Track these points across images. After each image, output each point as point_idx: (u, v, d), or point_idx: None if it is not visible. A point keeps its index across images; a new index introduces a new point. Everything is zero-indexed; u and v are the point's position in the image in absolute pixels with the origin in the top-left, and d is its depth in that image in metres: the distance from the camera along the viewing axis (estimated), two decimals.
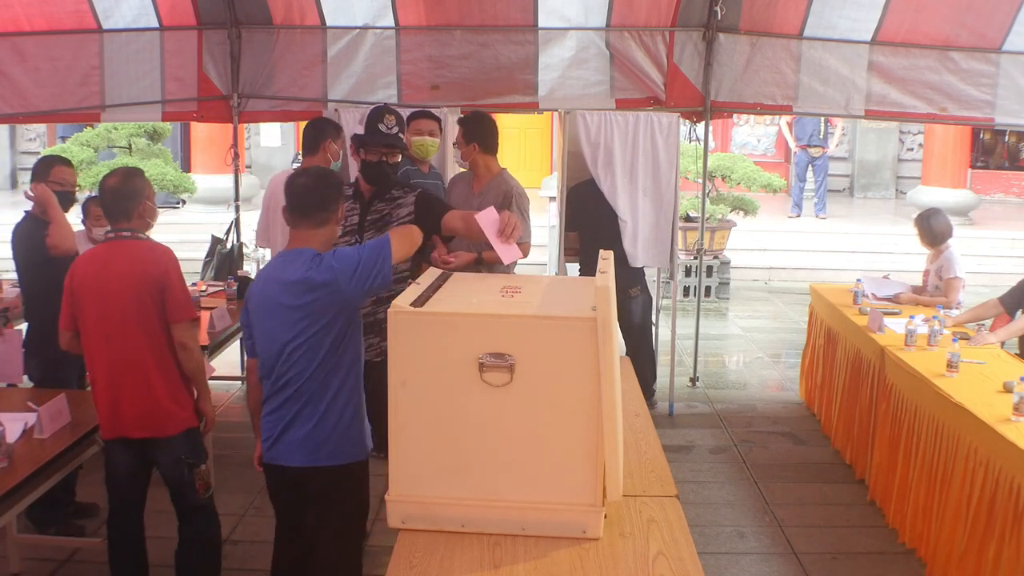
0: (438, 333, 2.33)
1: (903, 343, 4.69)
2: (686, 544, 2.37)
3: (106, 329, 3.31)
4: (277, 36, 6.23)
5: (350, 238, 3.75)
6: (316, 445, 2.99)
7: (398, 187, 3.83)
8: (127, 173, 3.50)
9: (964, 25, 6.06)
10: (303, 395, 2.97)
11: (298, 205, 3.04)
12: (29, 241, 4.25)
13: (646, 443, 3.09)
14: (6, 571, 3.95)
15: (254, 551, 4.15)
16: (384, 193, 3.80)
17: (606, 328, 2.24)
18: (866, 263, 10.23)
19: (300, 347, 2.93)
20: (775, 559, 4.26)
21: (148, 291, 3.26)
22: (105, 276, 3.29)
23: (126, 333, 3.29)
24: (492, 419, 2.33)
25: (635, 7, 6.11)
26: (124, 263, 3.31)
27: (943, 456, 3.99)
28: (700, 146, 9.23)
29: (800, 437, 5.84)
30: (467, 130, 4.88)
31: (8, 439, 3.19)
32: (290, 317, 2.93)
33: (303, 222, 3.03)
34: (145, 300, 3.27)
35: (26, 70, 6.03)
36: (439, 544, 2.34)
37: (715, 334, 8.40)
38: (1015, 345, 5.15)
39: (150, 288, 3.28)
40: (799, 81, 6.29)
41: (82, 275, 3.35)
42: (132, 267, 3.30)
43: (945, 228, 5.62)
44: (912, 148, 15.21)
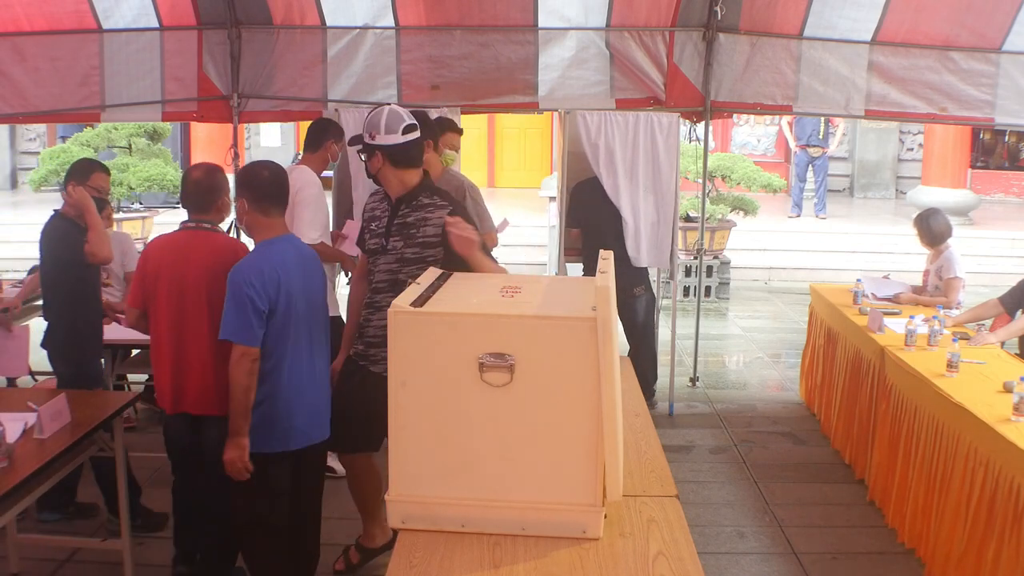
0: (438, 333, 2.33)
1: (903, 343, 4.69)
2: (686, 544, 2.37)
3: (177, 314, 3.50)
4: (277, 36, 6.22)
5: (378, 241, 3.58)
6: None
7: (427, 192, 3.55)
8: (210, 169, 3.72)
9: (964, 25, 6.06)
10: None
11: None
12: (63, 242, 4.18)
13: (646, 443, 3.09)
14: (6, 571, 3.95)
15: None
16: (411, 199, 3.53)
17: (606, 328, 2.24)
18: (866, 263, 10.23)
19: None
20: (775, 559, 4.26)
21: (222, 282, 3.36)
22: (183, 263, 3.50)
23: (197, 319, 3.49)
24: (492, 419, 2.33)
25: (635, 7, 6.11)
26: (203, 253, 3.51)
27: (943, 456, 3.99)
28: (700, 146, 9.23)
29: (800, 437, 5.84)
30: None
31: (8, 439, 3.19)
32: None
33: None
34: (216, 290, 3.39)
35: (26, 70, 6.01)
36: (439, 544, 2.34)
37: (715, 334, 8.40)
38: (1015, 345, 5.16)
39: (224, 279, 3.38)
40: (799, 81, 6.29)
41: (158, 260, 3.56)
42: (211, 258, 3.49)
43: (945, 228, 5.62)
44: (912, 148, 15.22)
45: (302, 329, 3.36)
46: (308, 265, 3.45)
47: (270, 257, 3.32)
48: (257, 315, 3.22)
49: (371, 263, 3.62)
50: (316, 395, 3.47)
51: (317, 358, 3.47)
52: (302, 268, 3.40)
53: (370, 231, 3.62)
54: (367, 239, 3.64)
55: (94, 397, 3.92)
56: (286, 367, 3.33)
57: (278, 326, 3.28)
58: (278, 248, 3.36)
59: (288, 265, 3.33)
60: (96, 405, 3.76)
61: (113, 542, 3.91)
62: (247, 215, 3.38)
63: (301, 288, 3.35)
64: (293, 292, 3.30)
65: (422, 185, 3.54)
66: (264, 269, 3.26)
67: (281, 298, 3.26)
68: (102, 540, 4.04)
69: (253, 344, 3.23)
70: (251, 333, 3.23)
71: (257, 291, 3.21)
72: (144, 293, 3.58)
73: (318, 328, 3.47)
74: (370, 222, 3.64)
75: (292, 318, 3.31)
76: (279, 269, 3.28)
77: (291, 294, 3.29)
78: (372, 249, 3.60)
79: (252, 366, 3.24)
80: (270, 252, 3.34)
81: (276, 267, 3.28)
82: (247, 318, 3.21)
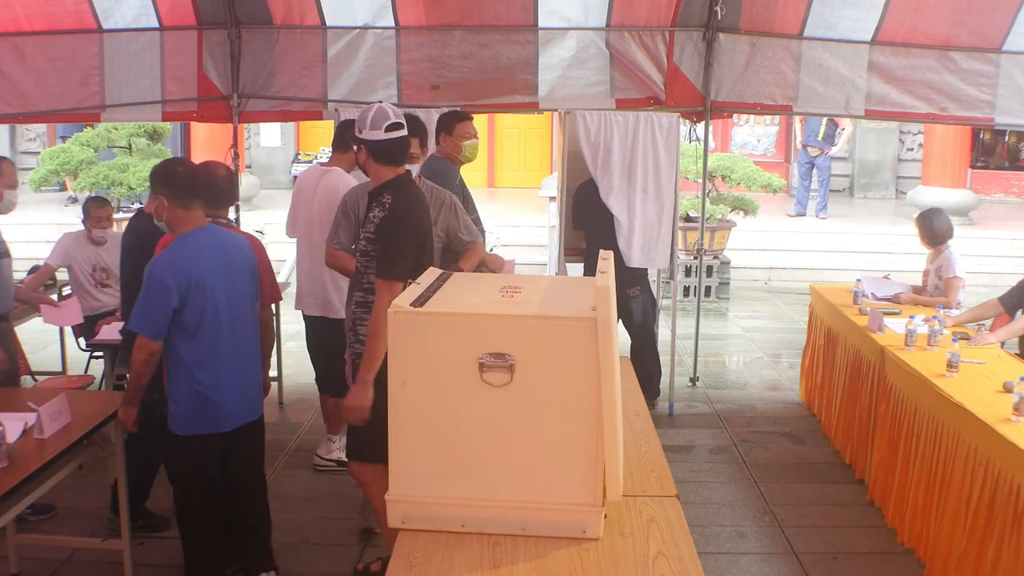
0: (438, 333, 2.33)
1: (903, 343, 4.69)
2: (686, 544, 2.37)
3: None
4: (277, 36, 6.22)
5: (357, 232, 3.71)
6: None
7: (390, 190, 3.53)
8: (229, 167, 4.00)
9: (964, 25, 6.06)
10: None
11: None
12: (147, 240, 4.19)
13: (646, 443, 3.09)
14: (6, 571, 3.95)
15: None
16: (377, 194, 3.57)
17: (606, 328, 2.24)
18: (866, 263, 10.22)
19: None
20: (775, 559, 4.26)
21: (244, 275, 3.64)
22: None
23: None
24: (492, 419, 2.33)
25: (635, 7, 6.11)
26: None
27: (943, 456, 3.99)
28: (700, 146, 9.23)
29: (800, 437, 5.84)
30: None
31: (8, 439, 3.19)
32: None
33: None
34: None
35: (26, 70, 6.02)
36: (439, 544, 2.34)
37: (715, 334, 8.40)
38: (1015, 345, 5.15)
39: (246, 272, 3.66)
40: (799, 81, 6.29)
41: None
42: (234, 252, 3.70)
43: (946, 228, 5.62)
44: (912, 148, 15.21)
45: (223, 315, 3.49)
46: (228, 252, 3.57)
47: (184, 251, 3.45)
48: (164, 311, 3.36)
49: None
50: (243, 377, 3.60)
51: (242, 341, 3.59)
52: (218, 257, 3.51)
53: (358, 222, 3.80)
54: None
55: (94, 397, 3.93)
56: (206, 352, 3.46)
57: (194, 315, 3.41)
58: (193, 240, 3.48)
59: (202, 256, 3.45)
60: (96, 405, 3.76)
61: (113, 542, 3.91)
62: (167, 211, 3.49)
63: (219, 275, 3.47)
64: (208, 281, 3.42)
65: (389, 183, 3.53)
66: (177, 263, 3.39)
67: (193, 290, 3.39)
68: (102, 540, 4.04)
69: (155, 337, 3.39)
70: (155, 327, 3.38)
71: (168, 288, 3.35)
72: None
73: (243, 312, 3.60)
74: (356, 214, 3.82)
75: (209, 306, 3.43)
76: (191, 263, 3.41)
77: (205, 283, 3.41)
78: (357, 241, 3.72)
79: (150, 357, 3.42)
80: (185, 245, 3.46)
81: (188, 261, 3.41)
82: (154, 312, 3.36)
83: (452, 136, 4.86)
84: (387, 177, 3.52)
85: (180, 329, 3.42)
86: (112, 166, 10.26)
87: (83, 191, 10.23)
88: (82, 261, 5.63)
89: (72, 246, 5.68)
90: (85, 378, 5.59)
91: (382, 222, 3.45)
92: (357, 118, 3.54)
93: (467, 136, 4.88)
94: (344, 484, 4.64)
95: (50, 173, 10.31)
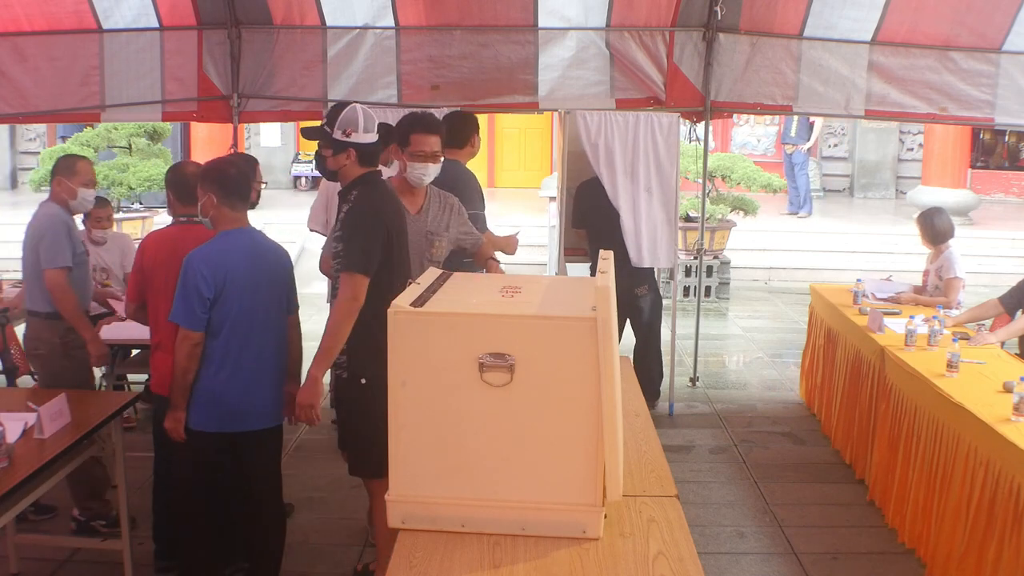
0: (438, 333, 2.33)
1: (903, 343, 4.69)
2: (686, 544, 2.37)
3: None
4: (277, 36, 6.22)
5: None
6: None
7: (358, 186, 3.46)
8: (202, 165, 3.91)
9: (964, 25, 6.06)
10: None
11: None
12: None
13: (646, 443, 3.09)
14: (6, 571, 3.95)
15: None
16: (346, 193, 3.48)
17: (606, 328, 2.24)
18: (866, 263, 10.23)
19: None
20: (775, 559, 4.26)
21: None
22: (179, 257, 3.56)
23: None
24: (492, 419, 2.33)
25: (635, 7, 6.10)
26: (197, 246, 3.58)
27: (943, 456, 3.98)
28: (700, 146, 9.23)
29: (800, 437, 5.84)
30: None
31: (8, 439, 3.19)
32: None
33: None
34: None
35: (26, 70, 6.02)
36: (439, 544, 2.34)
37: (715, 334, 8.40)
38: (1015, 345, 5.15)
39: None
40: (799, 81, 6.29)
41: (154, 254, 3.75)
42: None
43: (947, 227, 5.62)
44: (912, 148, 15.22)
45: (250, 318, 3.49)
46: (265, 257, 3.58)
47: (223, 247, 3.48)
48: (201, 302, 3.39)
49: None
50: (260, 383, 3.57)
51: (265, 348, 3.57)
52: (255, 260, 3.53)
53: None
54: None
55: (94, 397, 3.93)
56: (227, 351, 3.47)
57: (223, 312, 3.43)
58: (233, 239, 3.51)
59: (239, 255, 3.47)
60: (96, 405, 3.76)
61: (113, 542, 3.91)
62: (214, 209, 3.52)
63: (250, 278, 3.48)
64: (240, 281, 3.44)
65: (359, 179, 3.45)
66: (214, 258, 3.42)
67: (228, 286, 3.41)
68: (102, 540, 4.04)
69: (195, 328, 3.41)
70: (194, 318, 3.40)
71: (205, 279, 3.37)
72: (142, 286, 3.78)
73: (271, 319, 3.59)
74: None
75: (237, 306, 3.44)
76: (229, 259, 3.44)
77: (237, 283, 3.43)
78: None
79: (193, 349, 3.42)
80: (224, 242, 3.50)
81: (226, 257, 3.44)
82: (191, 304, 3.38)
83: (472, 147, 4.96)
84: (356, 175, 3.45)
85: (208, 326, 3.44)
86: (112, 166, 10.26)
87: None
88: None
89: None
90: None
91: (347, 215, 3.39)
92: (340, 120, 3.40)
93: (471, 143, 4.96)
94: (344, 484, 4.64)
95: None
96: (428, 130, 3.86)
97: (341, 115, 3.39)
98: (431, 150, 3.85)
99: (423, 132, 3.85)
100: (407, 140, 3.86)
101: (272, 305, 3.60)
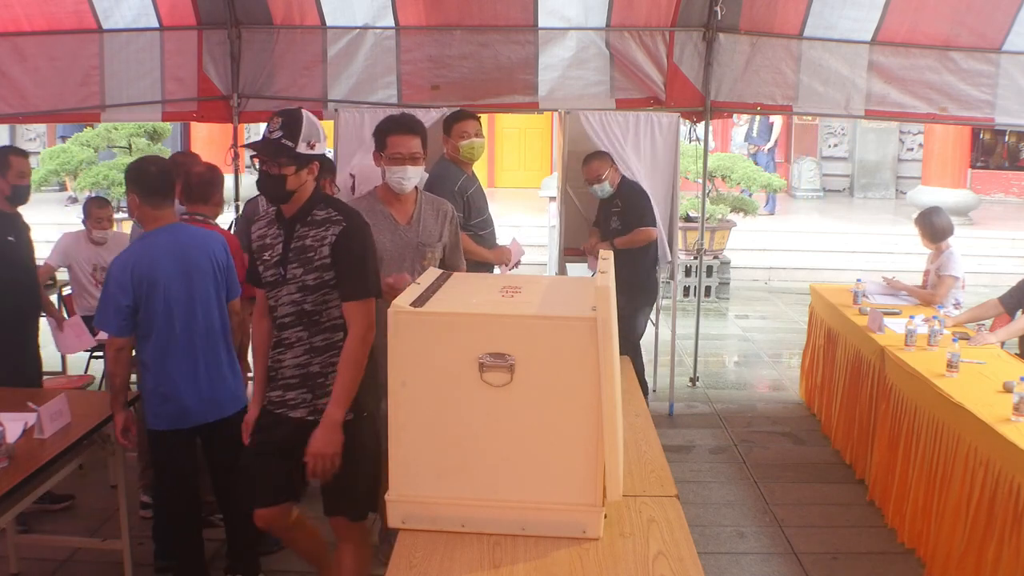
0: (438, 333, 2.33)
1: (903, 343, 4.69)
2: (686, 544, 2.37)
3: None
4: (277, 36, 6.23)
5: (275, 271, 3.06)
6: None
7: (321, 204, 3.07)
8: (210, 164, 4.06)
9: (964, 25, 6.06)
10: None
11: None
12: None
13: (646, 443, 3.09)
14: (6, 571, 3.95)
15: None
16: (306, 214, 3.04)
17: (606, 328, 2.24)
18: (866, 263, 10.23)
19: None
20: (775, 559, 4.26)
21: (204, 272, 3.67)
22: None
23: None
24: (492, 419, 2.33)
25: (635, 7, 6.11)
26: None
27: (943, 456, 3.99)
28: (700, 146, 9.23)
29: (800, 437, 5.84)
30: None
31: (8, 439, 3.19)
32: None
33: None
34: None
35: (26, 70, 6.02)
36: (439, 544, 2.34)
37: (715, 334, 8.40)
38: (1015, 345, 5.15)
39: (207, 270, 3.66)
40: (799, 81, 6.29)
41: None
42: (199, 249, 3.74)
43: (946, 225, 5.62)
44: (912, 148, 15.22)
45: (178, 314, 3.49)
46: (189, 251, 3.56)
47: (143, 249, 3.50)
48: (119, 310, 3.41)
49: (271, 297, 3.12)
50: (208, 375, 3.57)
51: (205, 340, 3.56)
52: (179, 255, 3.51)
53: (263, 262, 3.12)
54: (262, 272, 3.13)
55: (94, 397, 3.92)
56: (165, 350, 3.48)
57: (149, 314, 3.45)
58: (153, 239, 3.52)
59: (160, 254, 3.48)
60: (96, 405, 3.76)
61: (113, 542, 3.90)
62: (138, 209, 3.54)
63: (176, 275, 3.48)
64: (164, 280, 3.45)
65: (315, 196, 3.08)
66: (132, 263, 3.44)
67: (149, 289, 3.43)
68: (102, 540, 4.04)
69: (117, 334, 3.43)
70: (114, 324, 3.43)
71: (122, 286, 3.40)
72: None
73: (205, 311, 3.57)
74: (262, 252, 3.12)
75: (162, 306, 3.45)
76: (148, 261, 3.45)
77: (160, 283, 3.44)
78: (271, 282, 3.10)
79: (117, 354, 3.45)
80: (145, 244, 3.52)
81: (146, 259, 3.46)
82: (110, 311, 3.42)
83: (450, 137, 4.79)
84: (311, 191, 3.07)
85: (137, 329, 3.46)
86: (112, 166, 10.26)
87: (83, 191, 10.24)
88: (82, 261, 5.65)
89: (72, 246, 5.69)
90: (85, 378, 5.59)
91: (342, 238, 2.98)
92: (304, 130, 2.97)
93: (463, 136, 4.73)
94: None
95: (50, 173, 10.30)
96: (405, 131, 3.61)
97: (303, 125, 2.99)
98: (409, 152, 3.57)
99: (400, 133, 3.60)
100: (384, 143, 3.62)
101: (205, 298, 3.57)
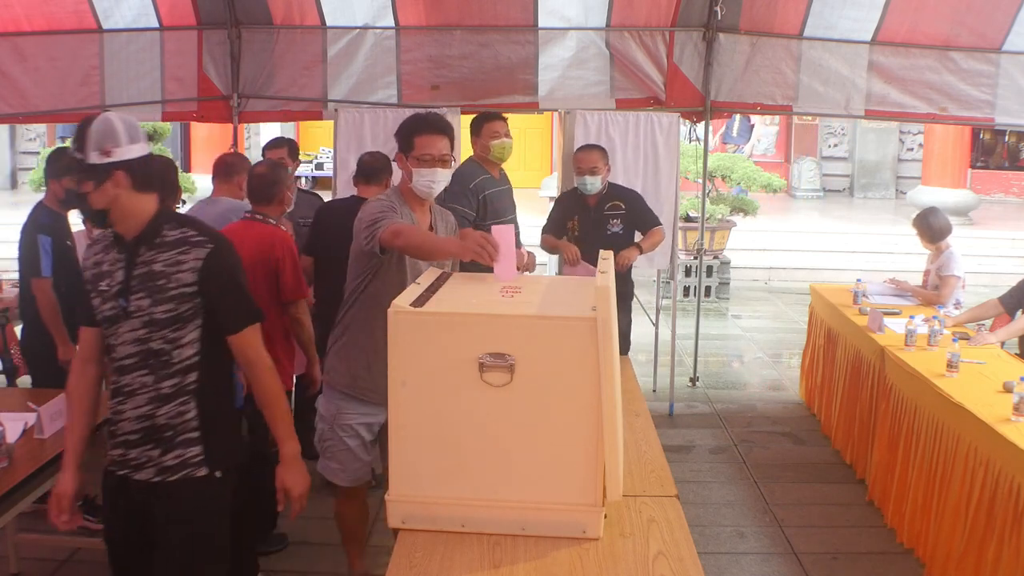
0: (438, 333, 2.33)
1: (903, 343, 4.69)
2: (686, 544, 2.37)
3: None
4: (277, 36, 6.23)
5: (114, 304, 2.53)
6: None
7: (172, 223, 2.57)
8: (273, 164, 4.17)
9: (964, 25, 6.06)
10: None
11: None
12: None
13: (646, 443, 3.09)
14: (6, 571, 3.95)
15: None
16: (153, 234, 2.53)
17: (606, 328, 2.24)
18: (866, 263, 10.24)
19: None
20: (775, 559, 4.26)
21: (258, 271, 3.74)
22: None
23: None
24: (492, 419, 2.33)
25: (635, 7, 6.11)
26: (249, 243, 3.73)
27: (943, 456, 3.99)
28: (700, 146, 9.23)
29: (800, 437, 5.84)
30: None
31: (8, 439, 3.19)
32: None
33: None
34: (253, 279, 3.64)
35: (26, 70, 6.03)
36: (439, 544, 2.34)
37: (715, 334, 8.40)
38: (1015, 345, 5.15)
39: (260, 268, 3.80)
40: (799, 81, 6.29)
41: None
42: (253, 247, 3.79)
43: (944, 225, 5.62)
44: (912, 148, 15.23)
45: None
46: None
47: None
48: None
49: (109, 335, 2.58)
50: None
51: None
52: None
53: (99, 293, 2.59)
54: (97, 305, 2.59)
55: None
56: None
57: None
58: None
59: None
60: None
61: None
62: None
63: None
64: None
65: (162, 214, 2.57)
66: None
67: None
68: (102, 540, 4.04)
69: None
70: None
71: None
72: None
73: None
74: (97, 281, 2.61)
75: None
76: None
77: None
78: (108, 316, 2.56)
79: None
80: None
81: None
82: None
83: (480, 137, 4.89)
84: (151, 209, 2.54)
85: None
86: None
87: None
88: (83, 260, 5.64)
89: None
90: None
91: (212, 263, 2.50)
92: (92, 137, 2.44)
93: (495, 135, 4.89)
94: None
95: None
96: (435, 131, 3.25)
97: (90, 130, 2.45)
98: (439, 153, 3.21)
99: (429, 133, 3.23)
100: (411, 143, 3.24)
101: None
